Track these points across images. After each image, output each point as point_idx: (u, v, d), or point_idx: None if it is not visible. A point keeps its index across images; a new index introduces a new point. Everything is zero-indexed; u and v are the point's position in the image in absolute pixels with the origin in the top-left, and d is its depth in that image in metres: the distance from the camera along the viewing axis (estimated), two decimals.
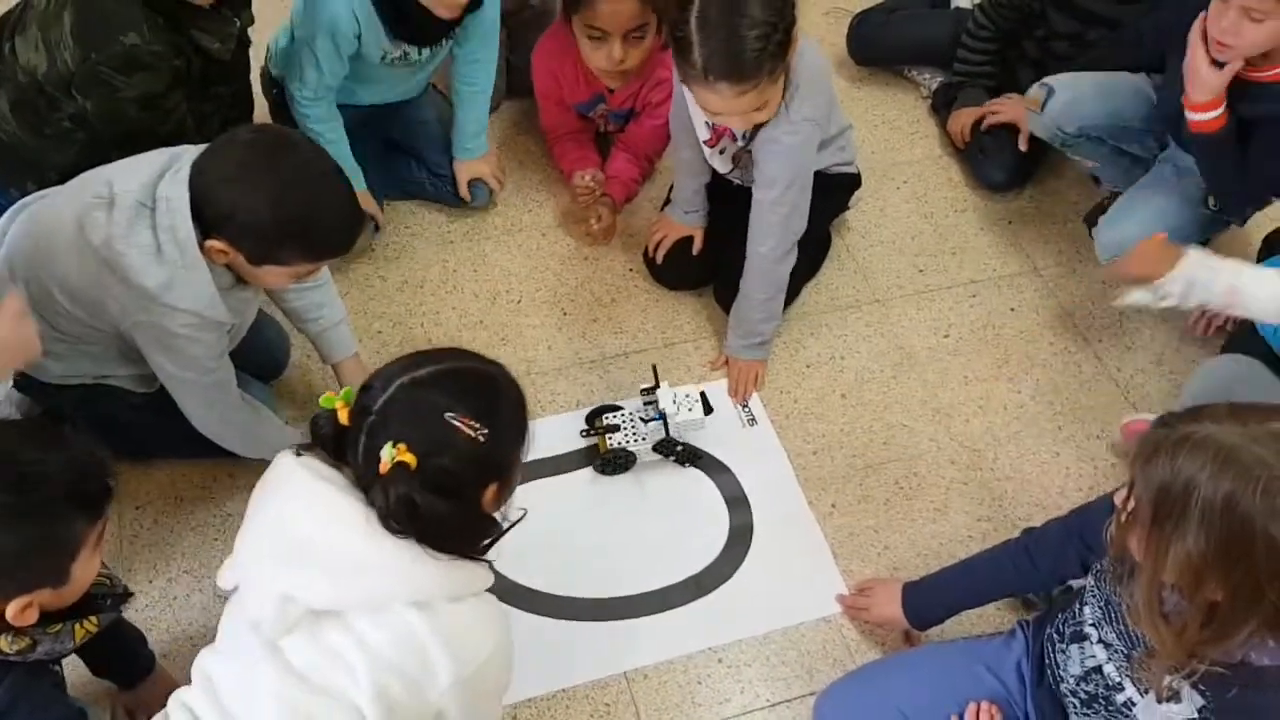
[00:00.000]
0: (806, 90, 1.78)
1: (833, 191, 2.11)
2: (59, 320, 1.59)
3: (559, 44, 2.15)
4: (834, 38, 2.67)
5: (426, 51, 2.07)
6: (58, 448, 1.21)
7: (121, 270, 1.48)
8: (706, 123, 1.91)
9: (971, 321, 2.18)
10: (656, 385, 1.86)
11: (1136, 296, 1.70)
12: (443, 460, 1.15)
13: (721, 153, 1.98)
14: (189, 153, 1.52)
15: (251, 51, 1.98)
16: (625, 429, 1.88)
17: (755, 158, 1.85)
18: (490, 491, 1.23)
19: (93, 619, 1.29)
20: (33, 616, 1.20)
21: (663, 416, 1.84)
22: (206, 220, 1.47)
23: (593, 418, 1.92)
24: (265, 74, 2.20)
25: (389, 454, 1.13)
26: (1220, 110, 1.80)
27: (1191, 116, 1.83)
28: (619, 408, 1.92)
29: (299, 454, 1.22)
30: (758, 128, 1.82)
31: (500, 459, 1.22)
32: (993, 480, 1.94)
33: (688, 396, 1.84)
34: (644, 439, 1.86)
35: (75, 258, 1.52)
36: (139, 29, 1.66)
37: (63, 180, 1.68)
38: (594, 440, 1.90)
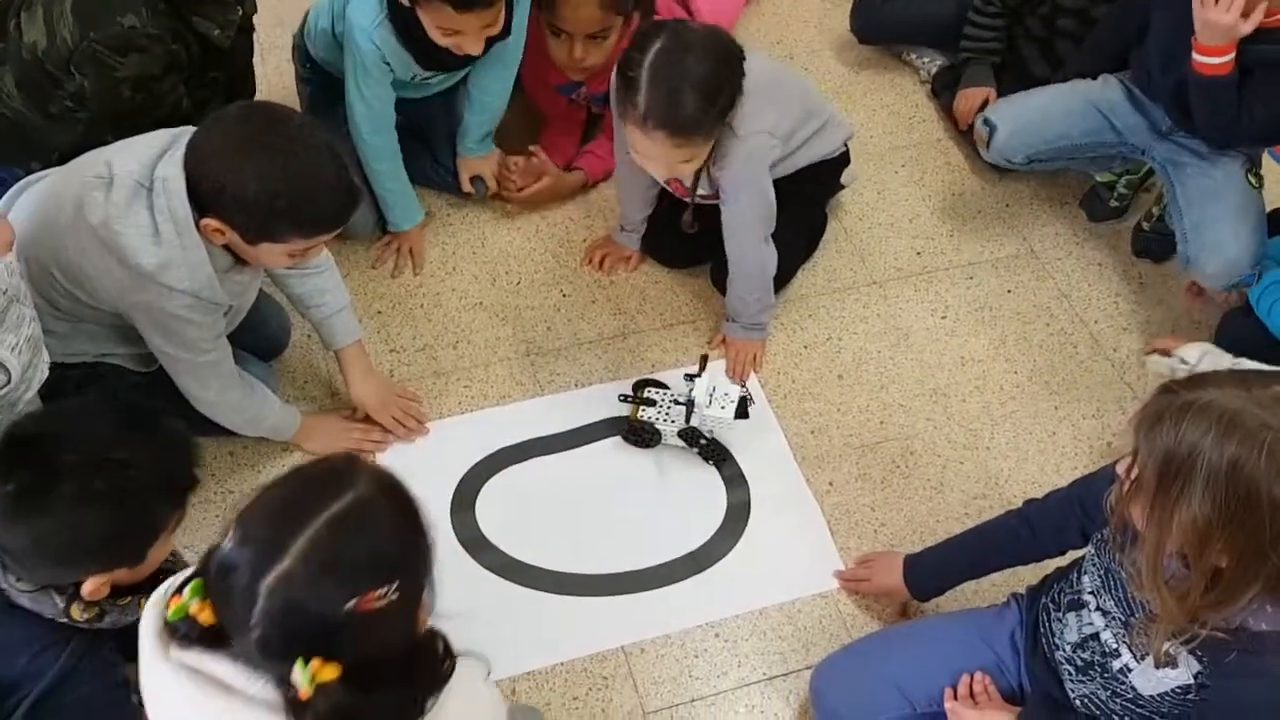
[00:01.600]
0: (754, 104, 1.78)
1: (823, 172, 2.12)
2: (58, 299, 1.60)
3: (538, 27, 2.16)
4: (833, 21, 2.68)
5: (454, 70, 2.08)
6: (153, 437, 1.25)
7: (119, 250, 1.49)
8: (666, 180, 1.96)
9: (969, 303, 2.19)
10: (699, 374, 1.84)
11: (1159, 364, 1.88)
12: (369, 648, 0.99)
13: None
14: (188, 134, 1.52)
15: (287, 32, 1.97)
16: (660, 406, 1.89)
17: (716, 177, 1.86)
18: (421, 614, 1.06)
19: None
20: (104, 591, 1.24)
21: (690, 404, 1.84)
22: (201, 199, 1.47)
23: (638, 387, 1.94)
24: (300, 48, 2.18)
25: (305, 677, 0.95)
26: (1231, 55, 1.82)
27: (1201, 60, 1.85)
28: (665, 386, 1.93)
29: (168, 649, 1.02)
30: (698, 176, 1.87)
31: (417, 582, 1.04)
32: (989, 459, 1.96)
33: (725, 394, 1.83)
34: (672, 421, 1.87)
35: (74, 237, 1.53)
36: (138, 11, 1.67)
37: (64, 161, 1.69)
38: (629, 408, 1.91)
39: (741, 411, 1.84)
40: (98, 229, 1.49)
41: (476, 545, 1.80)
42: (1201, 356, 1.87)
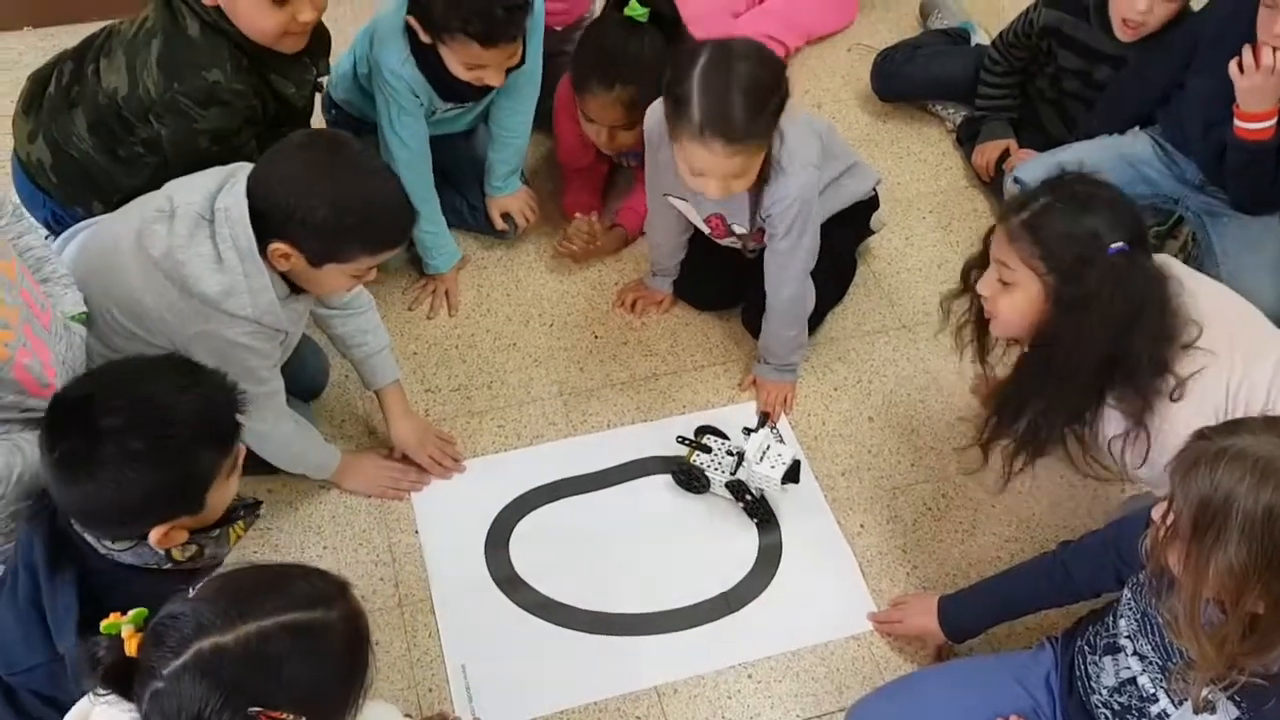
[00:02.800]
0: (794, 141, 1.83)
1: (851, 216, 2.16)
2: (114, 339, 1.63)
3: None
4: (858, 73, 2.73)
5: (471, 103, 2.15)
6: (190, 387, 1.26)
7: (181, 279, 1.53)
8: (705, 219, 1.99)
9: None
10: (758, 429, 1.86)
11: None
12: None
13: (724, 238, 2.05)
14: (244, 169, 1.58)
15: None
16: (715, 454, 1.89)
17: (768, 214, 1.89)
18: None
19: (240, 525, 1.35)
20: (179, 537, 1.26)
21: (740, 456, 1.84)
22: (267, 225, 1.52)
23: (699, 433, 1.94)
24: (326, 97, 2.27)
25: None
26: (1274, 120, 1.86)
27: (1244, 126, 1.89)
28: (726, 437, 1.94)
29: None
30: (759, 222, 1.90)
31: None
32: (1020, 502, 1.96)
33: (779, 455, 1.82)
34: (723, 471, 1.88)
35: (136, 273, 1.57)
36: (223, 68, 1.72)
37: (125, 202, 1.75)
38: (684, 450, 1.91)
39: (792, 475, 1.83)
40: (160, 261, 1.54)
41: (510, 584, 1.82)
42: None
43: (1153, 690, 1.36)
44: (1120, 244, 1.44)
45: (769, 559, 1.87)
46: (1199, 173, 2.10)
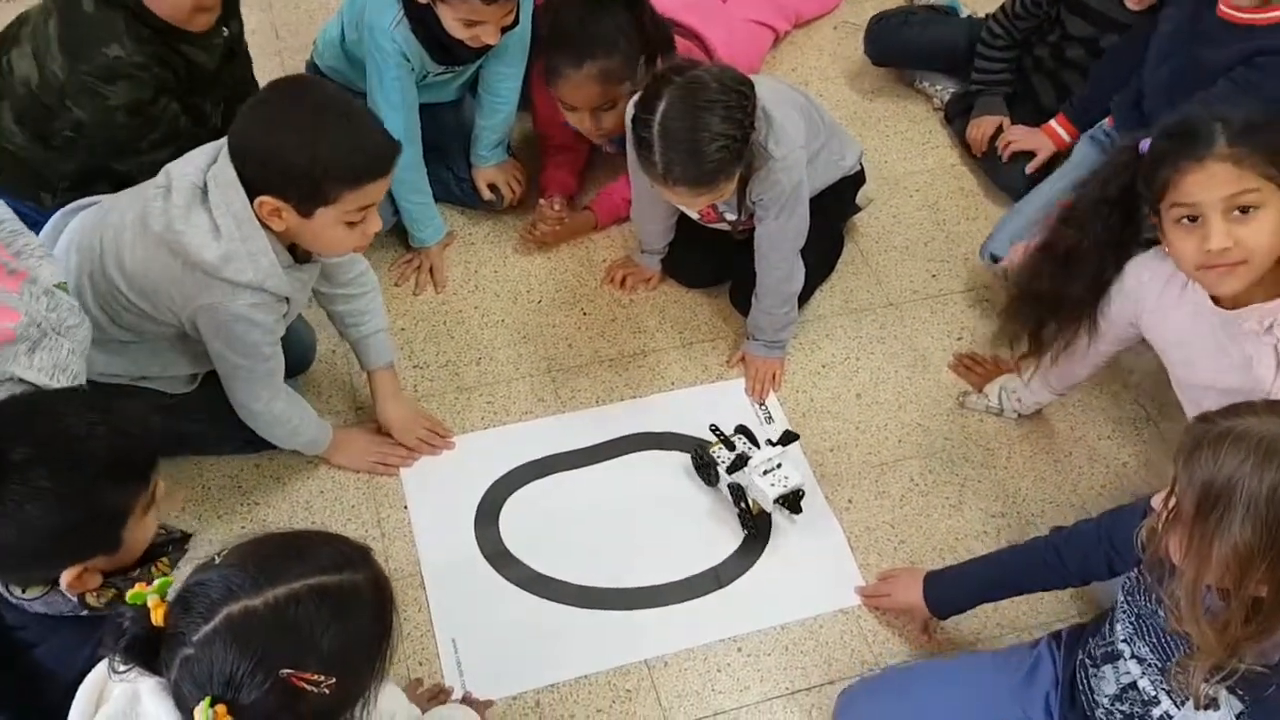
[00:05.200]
0: (780, 122, 1.82)
1: (839, 192, 2.16)
2: (121, 314, 1.63)
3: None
4: (845, 51, 2.72)
5: (462, 65, 2.13)
6: (102, 421, 1.20)
7: (182, 250, 1.52)
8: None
9: (985, 325, 2.21)
10: (784, 442, 1.84)
11: (976, 402, 2.06)
12: None
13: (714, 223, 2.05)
14: None
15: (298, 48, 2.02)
16: (734, 451, 1.86)
17: (758, 200, 1.88)
18: None
19: (163, 561, 1.31)
20: (93, 581, 1.22)
21: (744, 459, 1.82)
22: (252, 183, 1.50)
23: (737, 430, 1.89)
24: (311, 65, 2.25)
25: (205, 716, 0.95)
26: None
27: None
28: (757, 444, 1.87)
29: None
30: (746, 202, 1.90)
31: (350, 694, 1.03)
32: (1007, 478, 1.97)
33: (787, 477, 1.78)
34: (726, 470, 1.85)
35: (140, 249, 1.57)
36: (121, 41, 1.69)
37: (72, 188, 1.72)
38: (711, 440, 1.89)
39: (792, 503, 1.79)
40: (162, 234, 1.53)
41: (500, 559, 1.82)
42: (999, 391, 2.03)
43: (1154, 693, 1.35)
44: None
45: (758, 534, 1.87)
46: None
